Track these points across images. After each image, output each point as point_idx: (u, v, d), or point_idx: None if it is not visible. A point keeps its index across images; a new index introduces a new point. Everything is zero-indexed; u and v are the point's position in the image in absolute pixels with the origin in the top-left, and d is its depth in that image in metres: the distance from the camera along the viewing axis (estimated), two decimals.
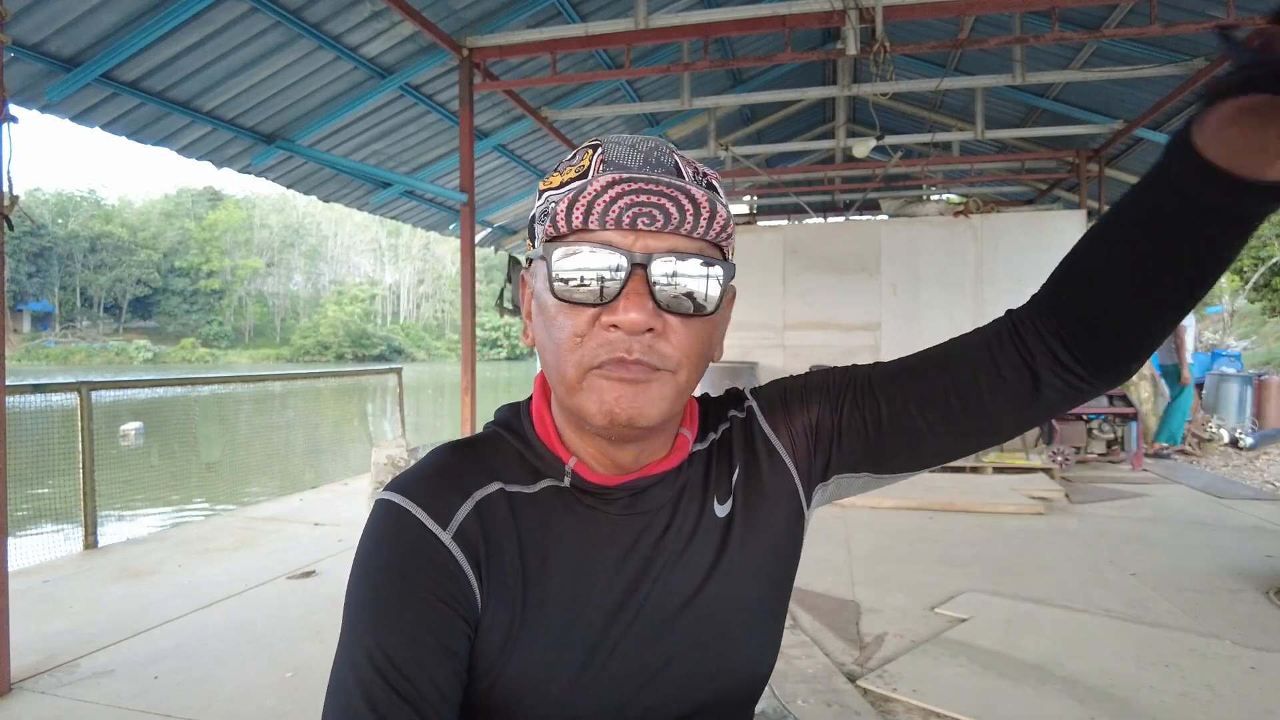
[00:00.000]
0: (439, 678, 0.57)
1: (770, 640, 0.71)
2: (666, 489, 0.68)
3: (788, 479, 0.72)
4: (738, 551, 0.69)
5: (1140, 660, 2.65)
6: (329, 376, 8.43)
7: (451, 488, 0.64)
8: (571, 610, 0.63)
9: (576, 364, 0.58)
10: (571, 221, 0.57)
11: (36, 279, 58.09)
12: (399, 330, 72.11)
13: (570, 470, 0.66)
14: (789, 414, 0.73)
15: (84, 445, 4.32)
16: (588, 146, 0.62)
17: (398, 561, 0.60)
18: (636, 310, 0.56)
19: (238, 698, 2.43)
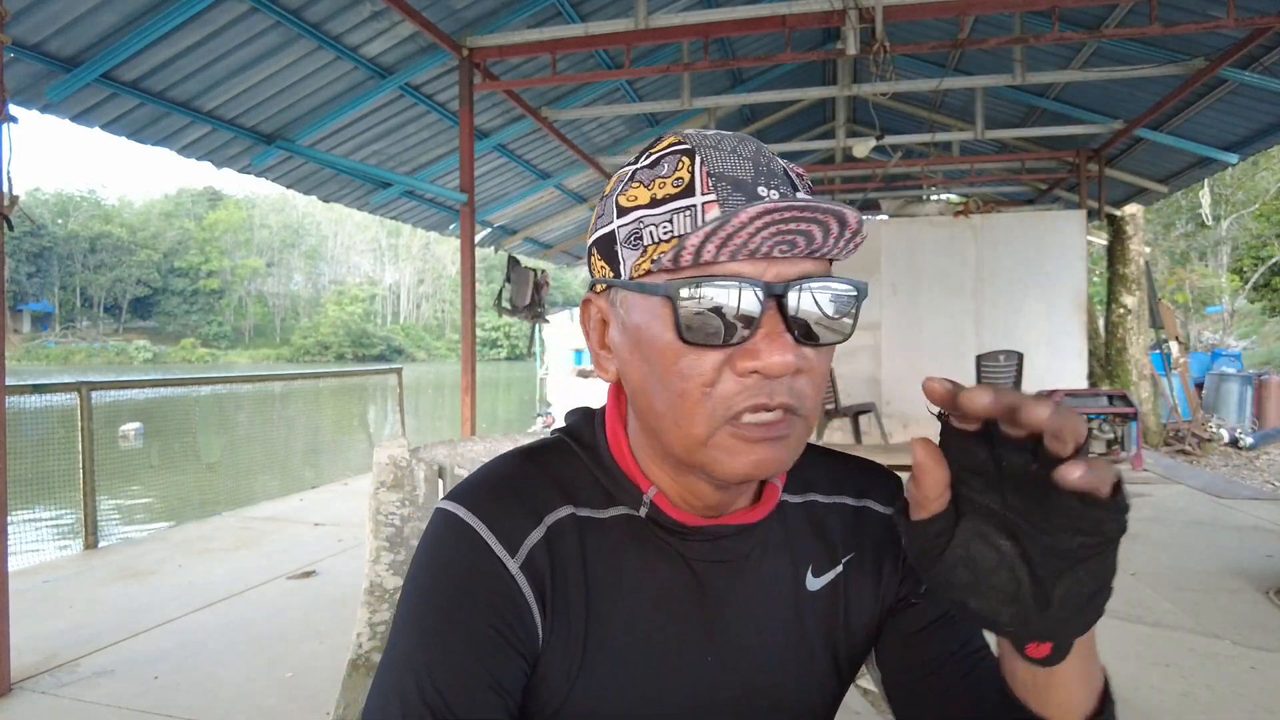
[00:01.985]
0: (488, 715, 0.53)
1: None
2: (750, 539, 0.62)
3: (879, 612, 0.66)
4: (822, 631, 0.64)
5: (1140, 660, 2.65)
6: (329, 376, 8.44)
7: (522, 508, 0.59)
8: (637, 648, 0.59)
9: (707, 417, 0.51)
10: (701, 256, 0.48)
11: (36, 279, 58.11)
12: (399, 330, 72.14)
13: (649, 501, 0.60)
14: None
15: (84, 445, 4.32)
16: (678, 152, 0.53)
17: (460, 586, 0.55)
18: (781, 351, 0.49)
19: (238, 697, 2.43)
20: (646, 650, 0.59)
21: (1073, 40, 5.45)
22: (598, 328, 0.60)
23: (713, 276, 0.49)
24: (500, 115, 6.55)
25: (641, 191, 0.53)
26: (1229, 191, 18.80)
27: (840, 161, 9.60)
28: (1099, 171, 8.10)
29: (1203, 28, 4.54)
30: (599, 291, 0.59)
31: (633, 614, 0.59)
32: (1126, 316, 8.98)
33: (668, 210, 0.52)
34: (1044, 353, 7.61)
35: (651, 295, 0.52)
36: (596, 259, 0.57)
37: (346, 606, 3.20)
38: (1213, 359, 12.37)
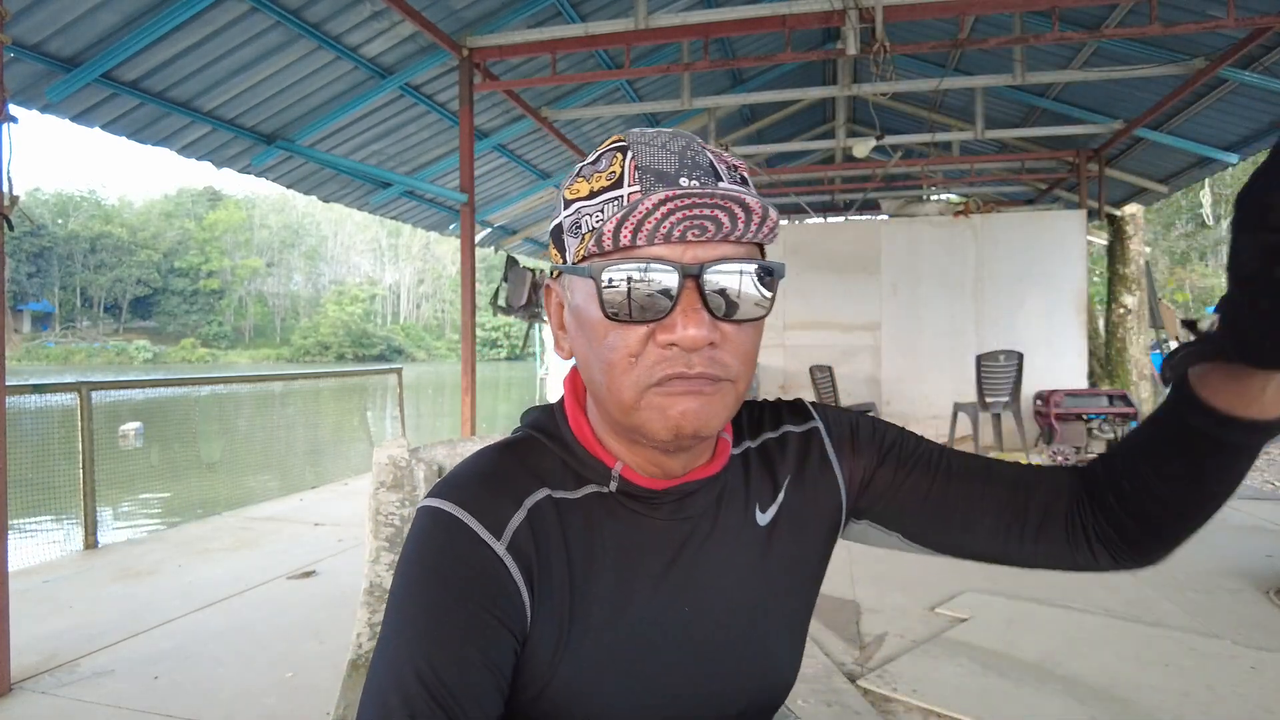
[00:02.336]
0: (483, 694, 0.55)
1: (800, 648, 0.73)
2: (708, 494, 0.68)
3: (836, 502, 0.73)
4: (779, 561, 0.70)
5: (1140, 660, 2.65)
6: (329, 376, 8.44)
7: (503, 494, 0.62)
8: (617, 617, 0.63)
9: (633, 384, 0.57)
10: (619, 240, 0.54)
11: (36, 279, 58.12)
12: (399, 330, 72.13)
13: (617, 475, 0.65)
14: (857, 449, 0.74)
15: (84, 445, 4.32)
16: (615, 149, 0.59)
17: (448, 573, 0.58)
18: (695, 325, 0.54)
19: (238, 698, 2.43)
20: (627, 617, 0.63)
21: (1073, 40, 5.45)
22: (556, 311, 0.66)
23: (632, 259, 0.55)
24: (500, 115, 6.55)
25: (583, 185, 0.59)
26: (1229, 191, 18.79)
27: (840, 161, 9.60)
28: (1099, 171, 8.10)
29: (1203, 28, 4.54)
30: (555, 278, 0.65)
31: (611, 586, 0.63)
32: (1126, 316, 8.98)
33: (601, 201, 0.58)
34: (1044, 353, 7.61)
35: (586, 277, 0.57)
36: (552, 248, 0.63)
37: (346, 606, 3.20)
38: None
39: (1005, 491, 0.70)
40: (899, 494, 0.72)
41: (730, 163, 0.60)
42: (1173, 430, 0.59)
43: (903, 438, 0.75)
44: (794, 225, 11.02)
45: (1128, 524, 0.65)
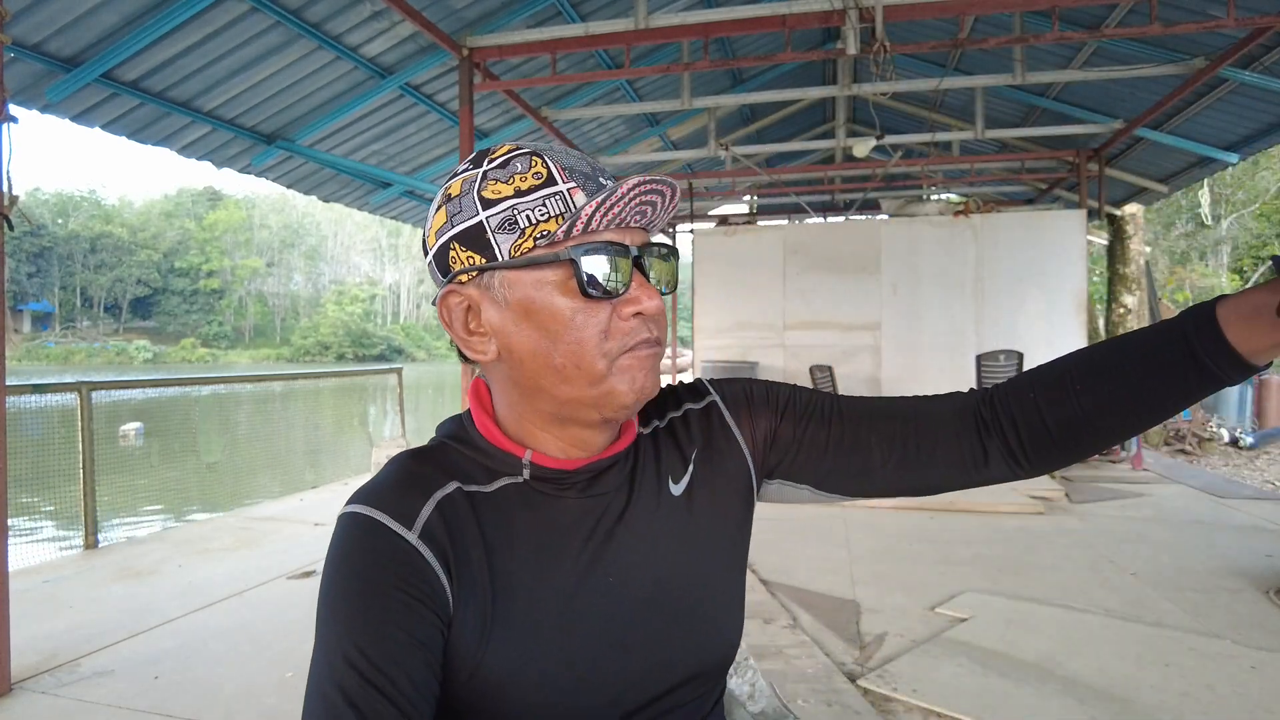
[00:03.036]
0: (412, 670, 0.57)
1: (738, 609, 0.76)
2: (620, 471, 0.71)
3: (743, 465, 0.77)
4: (698, 527, 0.74)
5: (1140, 660, 2.65)
6: (329, 376, 8.44)
7: (411, 491, 0.65)
8: (539, 596, 0.65)
9: (605, 355, 0.63)
10: (590, 224, 0.59)
11: (36, 279, 58.11)
12: (399, 330, 72.11)
13: (528, 462, 0.68)
14: (753, 413, 0.78)
15: (84, 445, 4.32)
16: (525, 154, 0.63)
17: (365, 564, 0.60)
18: (654, 296, 0.63)
19: (238, 697, 2.43)
20: (551, 597, 0.65)
21: (1073, 40, 5.45)
22: (462, 316, 0.66)
23: (600, 243, 0.61)
24: (500, 115, 6.55)
25: (503, 186, 0.62)
26: (1229, 191, 18.79)
27: (840, 161, 9.59)
28: (1099, 171, 8.09)
29: (1203, 27, 4.54)
30: (465, 281, 0.65)
31: (532, 569, 0.66)
32: (1127, 316, 8.98)
33: (538, 196, 0.61)
34: (1044, 353, 7.60)
35: (545, 266, 0.61)
36: (460, 252, 0.63)
37: None
38: None
39: (892, 425, 0.74)
40: (801, 448, 0.76)
41: None
42: (1169, 354, 0.62)
43: (795, 393, 0.79)
44: (794, 225, 11.02)
45: (1050, 438, 0.68)
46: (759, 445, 0.77)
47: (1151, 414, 0.65)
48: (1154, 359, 0.63)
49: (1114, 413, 0.65)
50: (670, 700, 0.69)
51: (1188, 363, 0.61)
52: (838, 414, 0.76)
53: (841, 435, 0.74)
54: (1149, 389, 0.63)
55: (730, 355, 8.70)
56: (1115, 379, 0.64)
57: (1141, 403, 0.64)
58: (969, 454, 0.72)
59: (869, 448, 0.74)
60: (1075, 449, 0.69)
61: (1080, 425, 0.67)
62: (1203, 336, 0.60)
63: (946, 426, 0.72)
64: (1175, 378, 0.62)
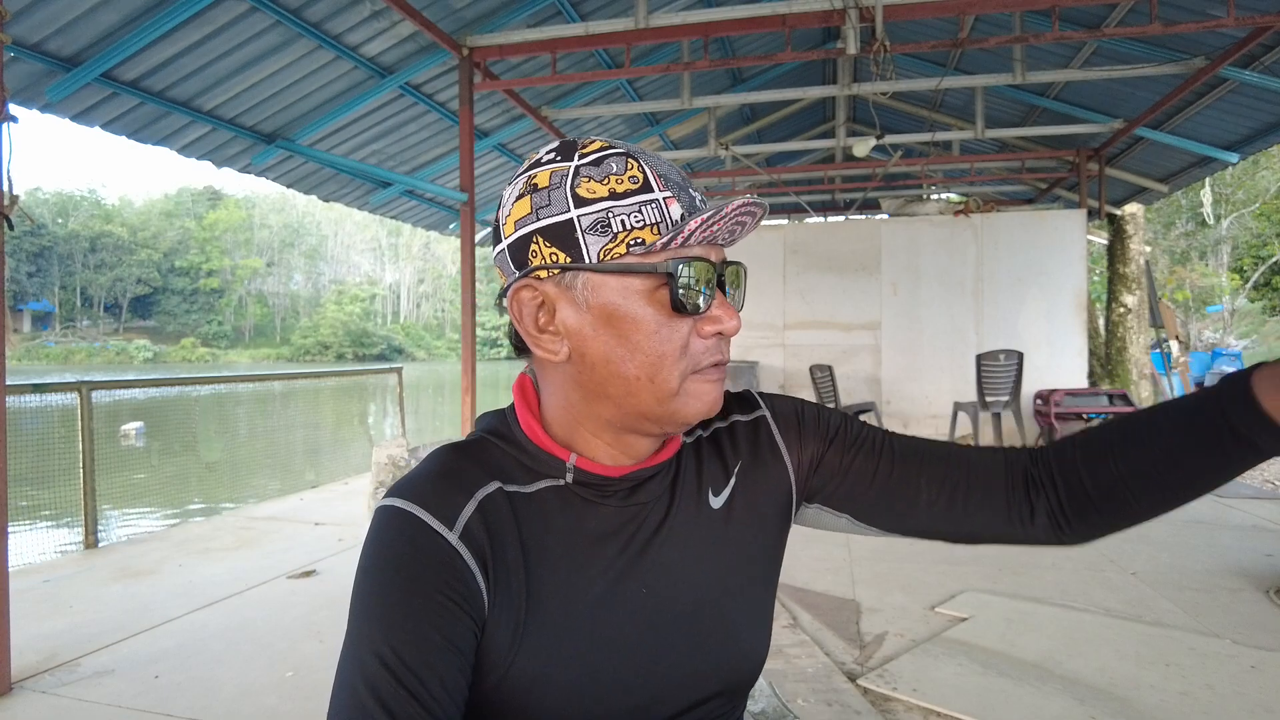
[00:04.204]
0: (445, 674, 0.57)
1: (767, 627, 0.75)
2: (661, 481, 0.71)
3: (785, 485, 0.76)
4: (735, 542, 0.73)
5: (1140, 659, 2.65)
6: (329, 376, 8.44)
7: (454, 488, 0.64)
8: (573, 602, 0.64)
9: (681, 373, 0.62)
10: (690, 238, 0.59)
11: (36, 279, 58.12)
12: (399, 330, 72.11)
13: (572, 466, 0.67)
14: (803, 434, 0.77)
15: (84, 445, 4.32)
16: (620, 155, 0.61)
17: (404, 562, 0.60)
18: (736, 317, 0.63)
19: (238, 697, 2.43)
20: (584, 604, 0.65)
21: (1073, 39, 5.44)
22: (533, 312, 0.64)
23: (693, 258, 0.60)
24: (500, 115, 6.55)
25: (598, 186, 0.60)
26: (1229, 190, 18.79)
27: (840, 161, 9.59)
28: (1099, 171, 8.10)
29: (1203, 27, 4.54)
30: (543, 277, 0.63)
31: (567, 574, 0.65)
32: (1127, 316, 8.98)
33: (634, 202, 0.59)
34: (1044, 352, 7.61)
35: (635, 275, 0.60)
36: (543, 247, 0.61)
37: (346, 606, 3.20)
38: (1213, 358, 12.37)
39: (943, 468, 0.73)
40: (846, 477, 0.75)
41: None
42: (1204, 421, 0.61)
43: (846, 421, 0.78)
44: (794, 225, 11.01)
45: (1091, 502, 0.68)
46: (804, 468, 0.76)
47: (1190, 484, 0.63)
48: (1191, 428, 0.62)
49: (1151, 480, 0.64)
50: (696, 714, 0.68)
51: (1224, 433, 0.60)
52: (888, 449, 0.75)
53: (890, 470, 0.74)
54: (1186, 458, 0.62)
55: (731, 355, 8.70)
56: (1152, 445, 0.63)
57: (1179, 471, 0.63)
58: (1016, 508, 0.71)
59: (917, 487, 0.73)
60: (1116, 516, 0.68)
61: (1118, 490, 0.66)
62: (1238, 406, 0.59)
63: (998, 478, 0.72)
64: (1212, 448, 0.61)
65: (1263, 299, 18.73)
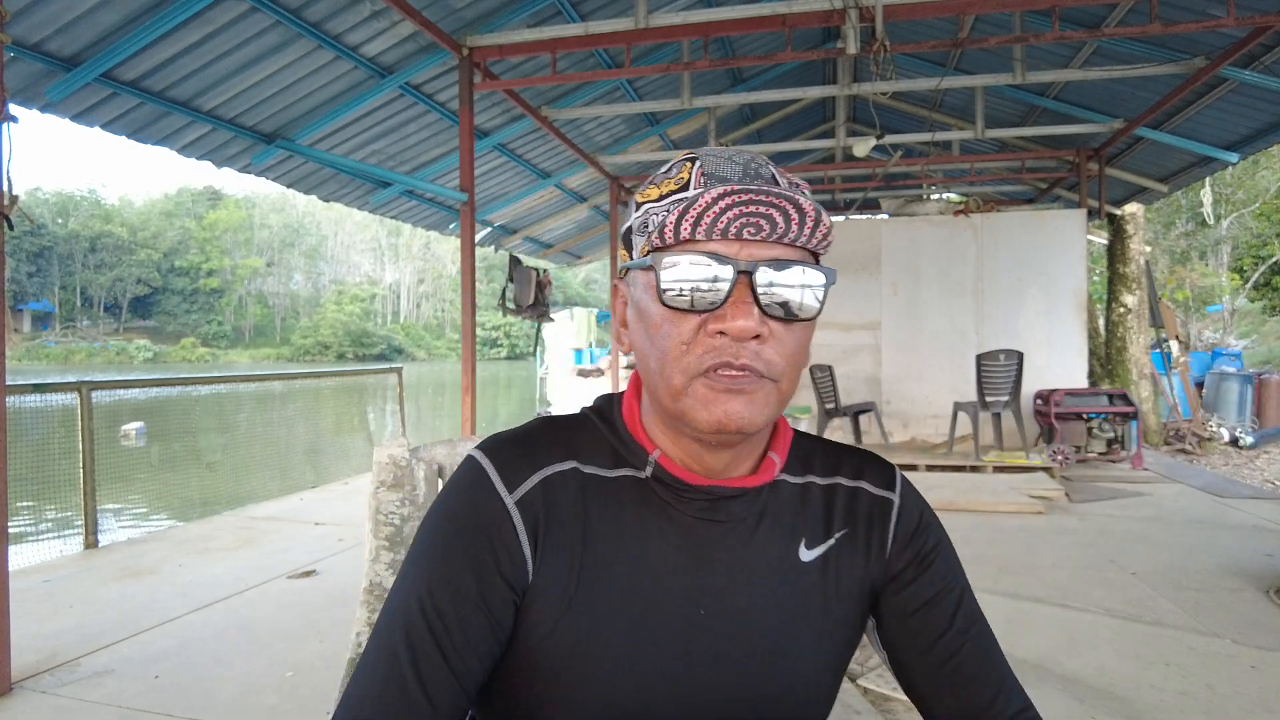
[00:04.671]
0: (471, 628, 0.61)
1: (829, 697, 0.71)
2: (748, 506, 0.68)
3: (873, 579, 0.72)
4: (815, 602, 0.69)
5: (1140, 659, 2.65)
6: (329, 376, 8.44)
7: (528, 456, 0.67)
8: (630, 596, 0.65)
9: (683, 371, 0.60)
10: (680, 232, 0.58)
11: (36, 279, 58.09)
12: (399, 329, 72.12)
13: (654, 461, 0.67)
14: (912, 545, 0.72)
15: (84, 445, 4.32)
16: (684, 159, 0.63)
17: (461, 514, 0.64)
18: (744, 317, 0.57)
19: (238, 697, 2.43)
20: (638, 597, 0.65)
21: (1073, 39, 5.45)
22: (620, 309, 0.69)
23: (690, 253, 0.58)
24: (500, 114, 6.55)
25: (653, 190, 0.64)
26: (1229, 190, 18.78)
27: (840, 161, 9.60)
28: (1099, 171, 8.10)
29: (1203, 27, 4.54)
30: (622, 277, 0.69)
31: (629, 564, 0.65)
32: (1127, 315, 8.98)
33: (667, 202, 0.62)
34: (1044, 352, 7.61)
35: (646, 270, 0.61)
36: (621, 250, 0.68)
37: (347, 606, 3.20)
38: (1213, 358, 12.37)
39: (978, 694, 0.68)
40: (908, 620, 0.70)
41: (792, 179, 0.63)
42: None
43: (951, 572, 0.72)
44: None
45: None
46: (886, 582, 0.72)
47: None
48: None
49: None
50: None
51: None
52: (960, 635, 0.69)
53: (944, 659, 0.69)
54: None
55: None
56: None
57: None
58: None
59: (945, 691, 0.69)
60: None
61: None
62: None
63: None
64: None
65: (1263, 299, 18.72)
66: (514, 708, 0.65)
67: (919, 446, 7.59)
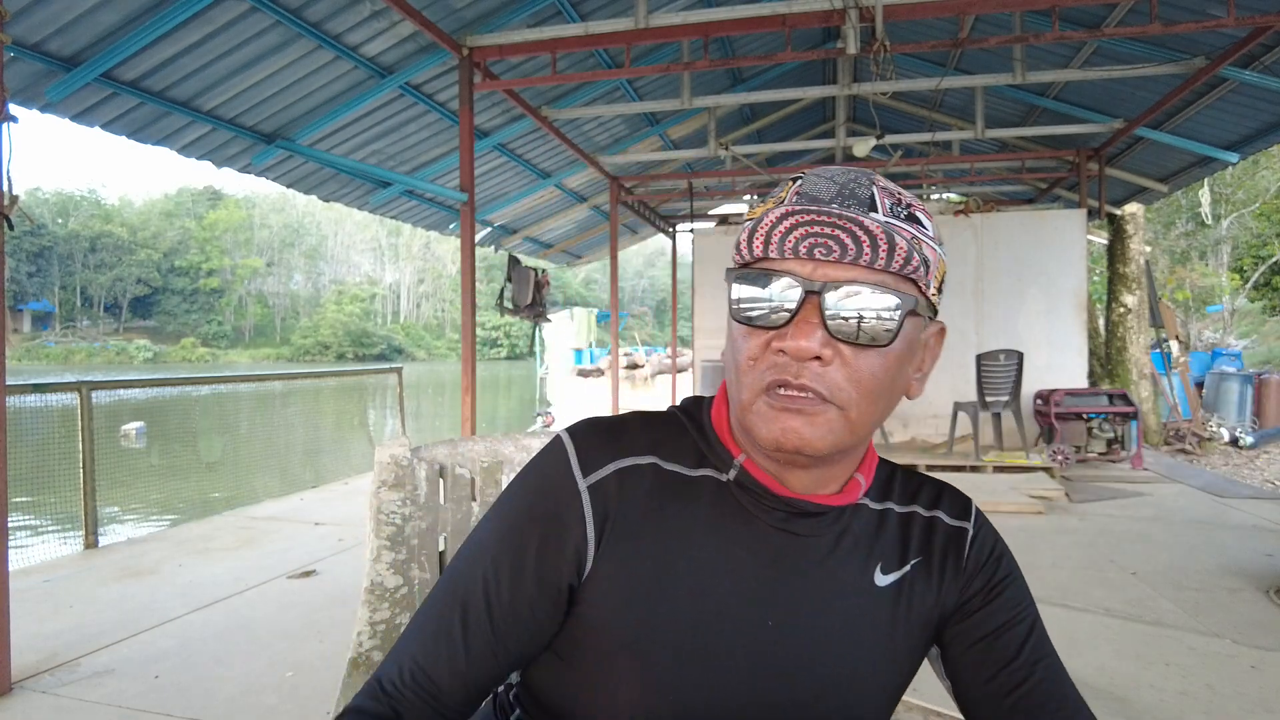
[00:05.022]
0: (524, 599, 0.64)
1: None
2: (827, 525, 0.68)
3: (942, 608, 0.71)
4: (883, 631, 0.69)
5: (1140, 659, 2.65)
6: (329, 376, 8.44)
7: (611, 445, 0.68)
8: (698, 596, 0.65)
9: (750, 386, 0.61)
10: (753, 249, 0.59)
11: (36, 279, 58.09)
12: (399, 329, 72.10)
13: (738, 465, 0.67)
14: (983, 573, 0.71)
15: (84, 445, 4.32)
16: (792, 177, 0.64)
17: (536, 488, 0.67)
18: (804, 337, 0.57)
19: (238, 697, 2.43)
20: (706, 597, 0.65)
21: (1073, 39, 5.45)
22: None
23: (763, 271, 0.59)
24: (500, 114, 6.55)
25: (759, 208, 0.63)
26: (1229, 190, 18.78)
27: (840, 161, 9.59)
28: (1099, 171, 8.10)
29: (1203, 27, 4.54)
30: None
31: (700, 563, 0.65)
32: (1127, 315, 8.98)
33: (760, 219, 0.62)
34: (1044, 352, 7.61)
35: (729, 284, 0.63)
36: None
37: (347, 606, 3.20)
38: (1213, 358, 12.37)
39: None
40: (972, 648, 0.69)
41: (902, 200, 0.62)
42: None
43: (1020, 604, 0.71)
44: None
45: None
46: (953, 610, 0.71)
47: None
48: None
49: None
50: None
51: None
52: (1030, 665, 0.68)
53: (1011, 688, 0.67)
54: None
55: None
56: None
57: None
58: None
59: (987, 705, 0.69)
60: None
61: None
62: None
63: None
64: None
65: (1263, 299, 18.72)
66: (564, 685, 0.68)
67: (919, 446, 7.59)
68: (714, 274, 8.96)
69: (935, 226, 0.64)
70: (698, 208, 10.70)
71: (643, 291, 75.66)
